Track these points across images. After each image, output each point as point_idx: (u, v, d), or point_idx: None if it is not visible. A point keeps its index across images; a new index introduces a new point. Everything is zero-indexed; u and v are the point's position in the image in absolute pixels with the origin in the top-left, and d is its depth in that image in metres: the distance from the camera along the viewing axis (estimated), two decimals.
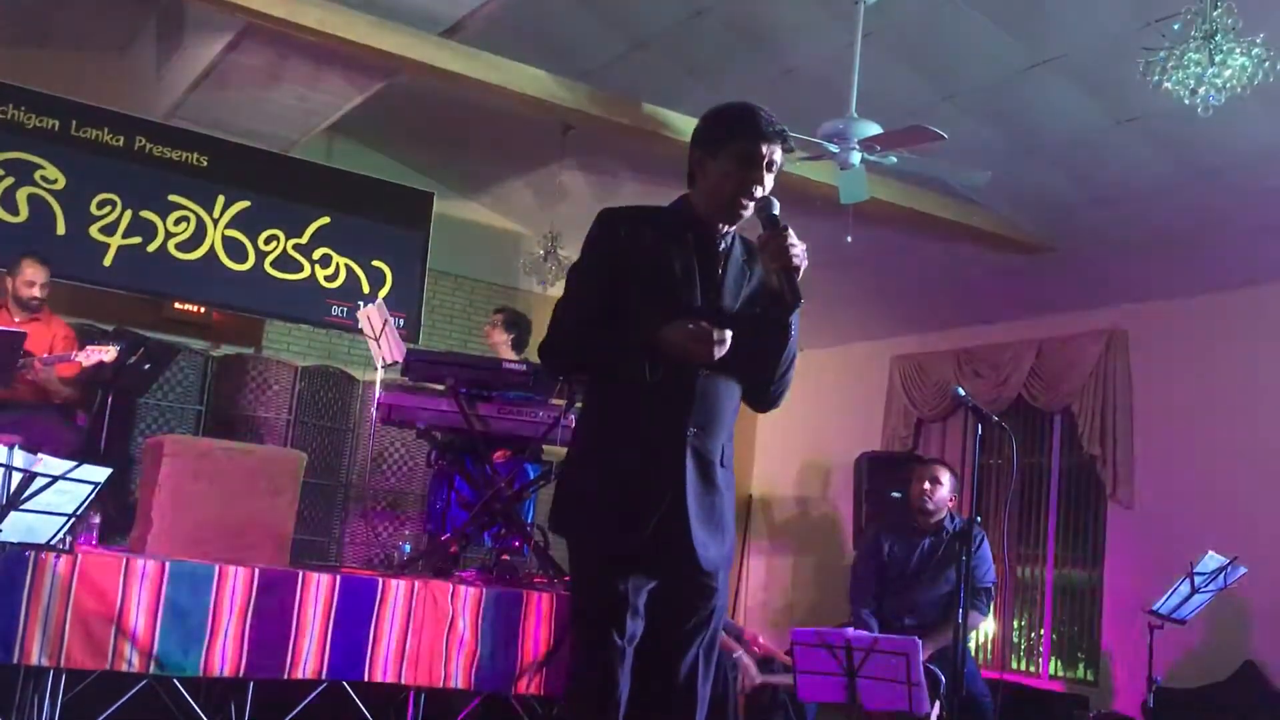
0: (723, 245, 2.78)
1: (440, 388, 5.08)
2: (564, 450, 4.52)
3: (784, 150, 2.74)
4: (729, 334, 2.62)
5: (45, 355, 5.66)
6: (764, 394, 2.80)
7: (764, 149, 2.69)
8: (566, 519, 2.77)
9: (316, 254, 8.23)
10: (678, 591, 2.71)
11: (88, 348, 5.58)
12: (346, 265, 8.36)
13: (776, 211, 2.68)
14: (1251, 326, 6.92)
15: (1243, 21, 4.04)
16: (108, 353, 5.53)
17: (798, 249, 2.62)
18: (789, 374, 2.77)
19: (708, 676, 2.78)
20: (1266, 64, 4.03)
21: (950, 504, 5.47)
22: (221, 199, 7.91)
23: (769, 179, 2.72)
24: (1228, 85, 4.05)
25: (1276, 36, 4.10)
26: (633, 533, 2.64)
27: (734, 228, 2.79)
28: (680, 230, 2.75)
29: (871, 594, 5.47)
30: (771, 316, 2.70)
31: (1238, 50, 4.00)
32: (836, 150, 5.39)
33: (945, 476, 5.44)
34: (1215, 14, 4.02)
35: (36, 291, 5.82)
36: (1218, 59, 4.00)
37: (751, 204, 2.71)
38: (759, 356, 2.73)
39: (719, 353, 2.61)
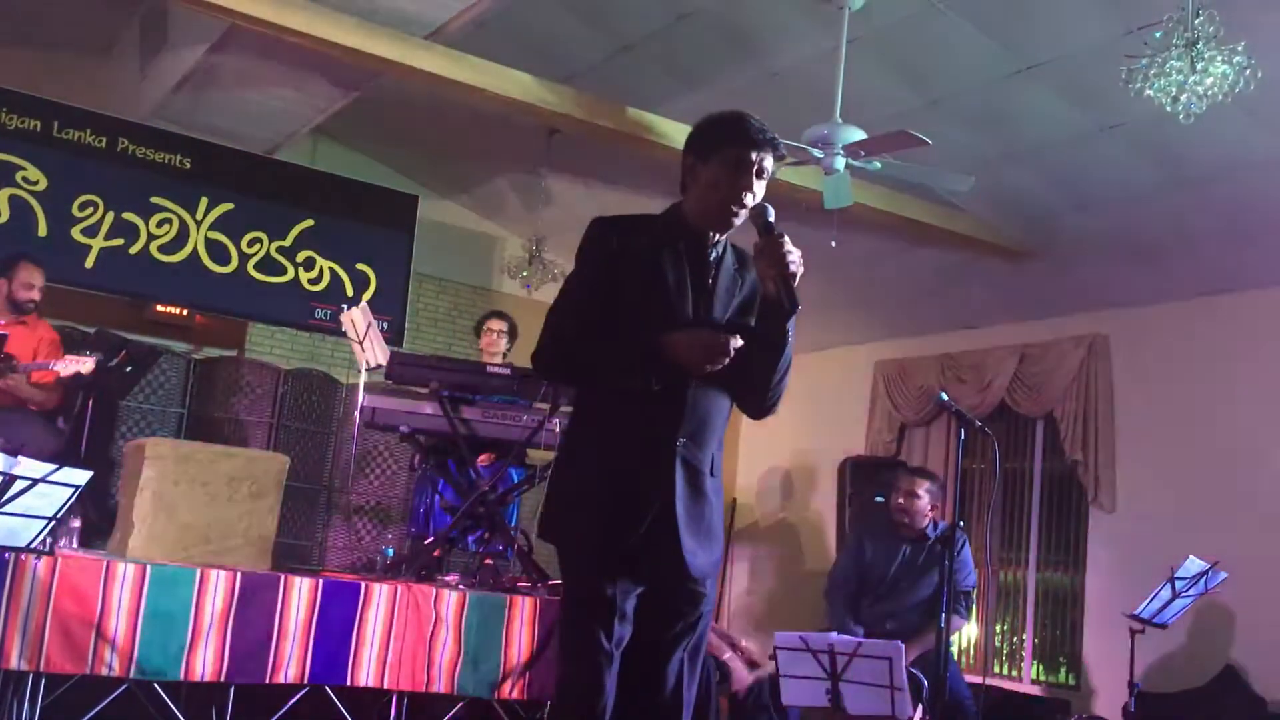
0: (714, 254, 2.77)
1: (424, 391, 5.08)
2: (548, 454, 4.52)
3: (775, 158, 2.75)
4: (738, 340, 2.62)
5: (26, 362, 5.62)
6: (760, 402, 2.80)
7: (754, 155, 2.69)
8: (555, 525, 2.76)
9: (300, 256, 8.21)
10: (666, 597, 2.71)
11: (67, 358, 5.53)
12: (330, 268, 8.34)
13: (772, 218, 2.69)
14: (1232, 333, 6.96)
15: (1224, 30, 4.06)
16: (85, 364, 5.47)
17: (794, 255, 2.62)
18: (784, 381, 2.77)
19: (693, 681, 2.78)
20: (1248, 72, 4.05)
21: (932, 513, 5.49)
22: (204, 201, 7.88)
23: (760, 186, 2.72)
24: (1209, 93, 4.07)
25: (1258, 45, 4.12)
26: (621, 538, 2.64)
27: (725, 235, 2.79)
28: (672, 239, 2.75)
29: (847, 594, 5.49)
30: (768, 323, 2.70)
31: (1219, 58, 4.02)
32: (821, 155, 5.41)
33: (923, 489, 5.47)
34: (1197, 22, 4.04)
35: (35, 295, 5.79)
36: (1199, 67, 4.02)
37: (742, 211, 2.71)
38: (756, 365, 2.72)
39: (724, 361, 2.62)
